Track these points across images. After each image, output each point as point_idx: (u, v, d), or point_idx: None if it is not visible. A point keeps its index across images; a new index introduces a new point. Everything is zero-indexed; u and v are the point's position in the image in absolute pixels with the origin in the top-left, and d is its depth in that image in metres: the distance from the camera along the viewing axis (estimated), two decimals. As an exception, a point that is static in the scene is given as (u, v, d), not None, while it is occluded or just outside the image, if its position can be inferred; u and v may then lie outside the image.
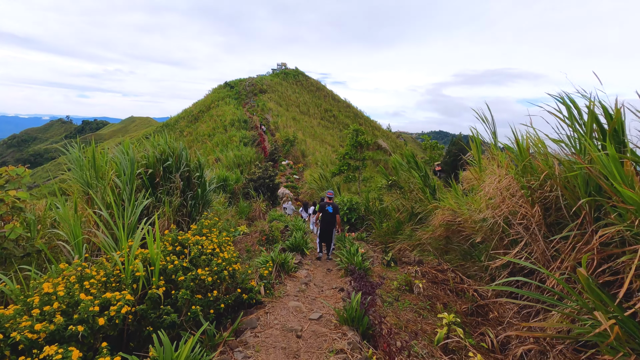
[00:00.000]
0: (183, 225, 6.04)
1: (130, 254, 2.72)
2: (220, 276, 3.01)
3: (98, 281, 2.56)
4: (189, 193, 6.81)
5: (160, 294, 2.64)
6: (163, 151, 6.58)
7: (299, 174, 27.01)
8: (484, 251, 5.02)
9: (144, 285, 2.76)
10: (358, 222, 11.14)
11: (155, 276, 2.76)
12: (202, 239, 3.44)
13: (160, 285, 2.77)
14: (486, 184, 3.59)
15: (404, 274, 4.91)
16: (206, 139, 41.30)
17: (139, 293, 2.70)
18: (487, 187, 3.56)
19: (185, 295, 2.72)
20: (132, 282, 2.71)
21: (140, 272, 2.63)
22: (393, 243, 8.77)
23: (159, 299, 2.66)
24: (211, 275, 2.99)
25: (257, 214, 17.60)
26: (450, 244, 6.30)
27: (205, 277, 2.91)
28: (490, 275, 4.75)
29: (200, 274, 2.91)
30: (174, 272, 2.88)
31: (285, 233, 8.11)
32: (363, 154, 15.22)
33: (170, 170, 6.49)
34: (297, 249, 5.98)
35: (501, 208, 3.53)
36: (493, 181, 3.57)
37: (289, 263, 4.51)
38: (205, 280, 2.90)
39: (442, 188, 7.43)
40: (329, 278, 4.86)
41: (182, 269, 2.92)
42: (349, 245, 5.74)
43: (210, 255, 3.25)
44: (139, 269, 2.66)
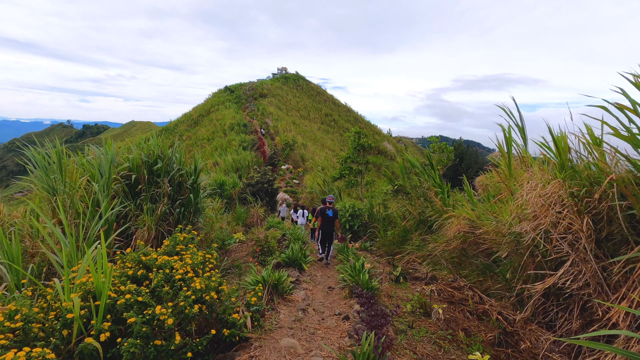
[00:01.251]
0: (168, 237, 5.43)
1: (65, 284, 2.08)
2: (188, 314, 2.35)
3: (8, 328, 1.88)
4: (178, 199, 6.21)
5: (97, 346, 1.96)
6: (151, 153, 5.98)
7: (298, 178, 26.41)
8: (509, 267, 4.40)
9: (82, 330, 2.10)
10: (361, 229, 10.50)
11: (99, 315, 2.09)
12: (173, 260, 2.80)
13: (104, 329, 2.08)
14: (524, 190, 3.00)
15: (417, 293, 4.28)
16: (205, 143, 40.85)
17: (73, 342, 2.03)
18: (525, 194, 2.97)
19: (132, 347, 2.02)
20: (63, 326, 2.03)
21: (75, 312, 1.99)
22: (400, 254, 8.13)
23: (96, 353, 1.98)
24: (174, 315, 2.31)
25: (254, 220, 16.94)
26: (466, 257, 5.68)
27: (165, 317, 2.20)
28: (518, 296, 4.12)
29: (158, 313, 2.19)
30: (127, 308, 2.24)
31: (282, 243, 7.47)
32: (366, 157, 14.54)
33: (159, 173, 5.89)
34: (294, 263, 5.34)
35: (541, 219, 2.92)
36: (533, 187, 2.97)
37: (284, 284, 3.85)
38: (165, 322, 2.20)
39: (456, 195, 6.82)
40: (331, 299, 4.21)
41: (136, 304, 2.28)
42: (353, 259, 5.11)
43: (181, 282, 2.60)
44: (71, 307, 1.99)
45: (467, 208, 5.05)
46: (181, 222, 6.16)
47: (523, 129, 3.77)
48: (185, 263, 2.75)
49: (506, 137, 3.88)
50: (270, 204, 18.96)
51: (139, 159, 5.67)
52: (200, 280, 2.56)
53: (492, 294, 4.93)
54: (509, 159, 3.74)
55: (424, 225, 7.82)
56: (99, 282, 2.13)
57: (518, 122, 3.76)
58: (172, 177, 6.03)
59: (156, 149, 5.84)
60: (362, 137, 14.11)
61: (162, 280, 2.49)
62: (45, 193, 4.12)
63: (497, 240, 4.41)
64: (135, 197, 5.57)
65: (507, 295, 4.47)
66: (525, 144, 3.78)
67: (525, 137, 3.75)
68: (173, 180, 6.12)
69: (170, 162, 6.26)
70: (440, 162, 9.48)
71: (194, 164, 6.37)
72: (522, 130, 3.76)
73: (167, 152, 6.23)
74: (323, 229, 7.33)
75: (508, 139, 3.86)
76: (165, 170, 6.05)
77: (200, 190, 6.67)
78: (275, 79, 71.77)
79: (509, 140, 3.81)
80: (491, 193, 6.00)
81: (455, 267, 5.60)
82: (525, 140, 3.78)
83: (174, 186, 6.10)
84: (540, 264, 3.69)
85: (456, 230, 5.32)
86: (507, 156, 3.76)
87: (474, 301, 4.63)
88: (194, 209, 6.70)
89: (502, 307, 4.47)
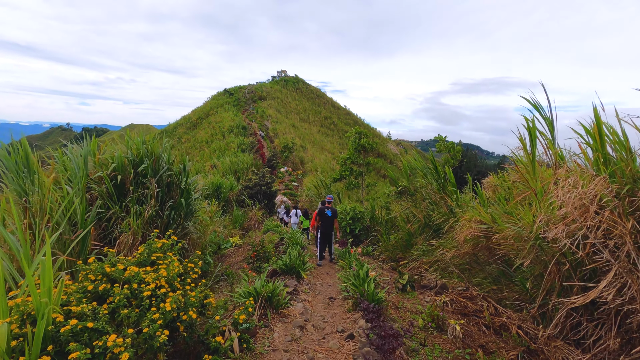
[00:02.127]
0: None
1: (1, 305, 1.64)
2: (150, 344, 1.89)
3: None
4: (168, 201, 5.79)
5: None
6: (138, 152, 5.58)
7: (297, 181, 26.00)
8: (529, 275, 3.98)
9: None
10: (362, 233, 10.08)
11: (32, 347, 1.61)
12: (144, 271, 2.36)
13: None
14: (559, 189, 2.60)
15: (428, 305, 3.86)
16: (204, 146, 40.50)
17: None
18: (561, 194, 2.56)
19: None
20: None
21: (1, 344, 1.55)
22: (404, 260, 7.71)
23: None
24: (137, 345, 1.85)
25: (252, 223, 16.49)
26: (477, 264, 5.26)
27: (120, 350, 1.72)
28: (541, 308, 3.70)
29: (111, 345, 1.71)
30: (75, 337, 1.79)
31: (280, 247, 7.04)
32: (367, 158, 14.07)
33: (146, 174, 5.48)
34: (292, 271, 4.89)
35: (579, 223, 2.52)
36: (573, 184, 2.56)
37: (279, 296, 3.39)
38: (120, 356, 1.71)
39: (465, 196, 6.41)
40: (332, 312, 3.78)
41: (87, 332, 1.84)
42: (356, 266, 4.69)
43: (151, 300, 2.16)
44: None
45: (480, 210, 4.64)
46: (171, 225, 5.74)
47: (551, 121, 3.34)
48: (159, 275, 2.32)
49: (530, 126, 3.39)
50: (269, 207, 18.53)
51: (124, 158, 5.26)
52: (172, 299, 2.11)
53: (508, 305, 4.51)
54: (532, 154, 3.32)
55: (430, 229, 7.41)
56: (38, 303, 1.69)
57: (545, 113, 3.34)
58: (160, 177, 5.62)
59: (141, 147, 5.43)
60: (363, 137, 13.66)
61: (125, 299, 2.05)
62: (16, 195, 3.71)
63: (515, 246, 4.00)
64: (121, 199, 5.15)
65: (527, 306, 4.05)
66: (553, 137, 3.35)
67: (554, 129, 3.32)
68: (162, 180, 5.70)
69: (159, 161, 5.85)
70: (447, 163, 9.06)
71: (183, 163, 5.95)
72: (550, 122, 3.33)
73: (156, 150, 5.83)
74: (322, 229, 7.32)
75: (532, 129, 3.37)
76: (153, 170, 5.65)
77: (192, 192, 6.25)
78: (275, 82, 71.65)
79: (533, 132, 3.36)
80: (502, 195, 5.60)
81: (466, 274, 5.18)
82: (553, 133, 3.34)
83: (163, 187, 5.69)
84: (567, 273, 3.28)
85: (468, 234, 4.91)
86: (529, 152, 3.34)
87: (489, 313, 4.21)
88: (186, 211, 6.28)
89: (521, 319, 4.05)
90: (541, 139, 3.43)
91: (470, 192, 6.81)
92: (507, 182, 5.15)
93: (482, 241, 4.90)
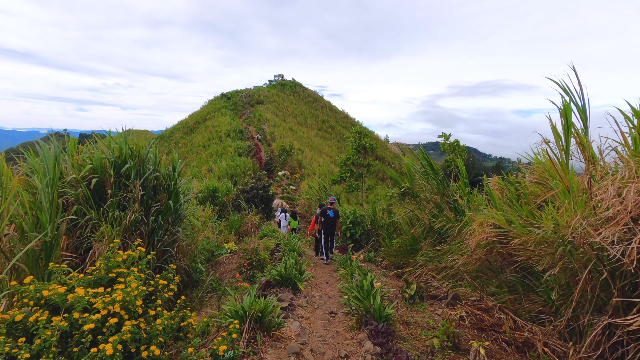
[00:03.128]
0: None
1: None
2: None
3: None
4: (154, 206, 5.35)
5: None
6: (120, 152, 5.14)
7: (295, 184, 25.56)
8: (554, 284, 3.56)
9: None
10: (363, 238, 9.63)
11: None
12: (95, 294, 1.90)
13: None
14: (609, 185, 2.19)
15: (441, 320, 3.42)
16: (201, 150, 40.08)
17: None
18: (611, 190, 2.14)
19: None
20: None
21: None
22: (408, 266, 7.27)
23: None
24: None
25: (249, 228, 16.00)
26: (491, 271, 4.84)
27: None
28: (570, 323, 3.27)
29: None
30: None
31: (275, 254, 6.58)
32: (367, 159, 13.58)
33: (129, 175, 5.04)
34: (288, 282, 4.39)
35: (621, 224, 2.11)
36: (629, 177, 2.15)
37: (272, 314, 2.91)
38: None
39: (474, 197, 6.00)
40: (333, 330, 3.32)
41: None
42: (359, 276, 4.23)
43: (96, 335, 1.69)
44: None
45: (494, 213, 4.23)
46: (157, 232, 5.29)
47: (584, 111, 2.90)
48: (113, 300, 1.86)
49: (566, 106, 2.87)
50: (266, 211, 18.05)
51: (104, 158, 4.82)
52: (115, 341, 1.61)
53: (527, 317, 4.08)
54: (566, 144, 2.87)
55: (435, 233, 6.99)
56: None
57: (576, 100, 2.91)
58: (146, 179, 5.18)
59: (124, 147, 4.99)
60: (363, 137, 13.18)
61: (54, 336, 1.57)
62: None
63: (537, 252, 3.59)
64: (100, 204, 4.71)
65: (552, 320, 3.62)
66: (586, 129, 2.91)
67: (587, 119, 2.89)
68: (147, 183, 5.27)
69: (144, 162, 5.41)
70: (452, 163, 8.65)
71: (172, 164, 5.51)
72: (583, 111, 2.90)
73: (141, 151, 5.40)
74: (325, 229, 7.80)
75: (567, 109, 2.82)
76: (138, 171, 5.21)
77: (181, 195, 5.80)
78: (272, 86, 71.52)
79: (569, 114, 2.86)
80: (512, 196, 5.20)
81: (478, 282, 4.75)
82: (586, 122, 2.90)
83: (148, 190, 5.25)
84: (605, 283, 2.86)
85: (480, 239, 4.49)
86: (563, 145, 2.89)
87: (509, 327, 3.78)
88: (174, 216, 5.83)
89: (546, 335, 3.62)
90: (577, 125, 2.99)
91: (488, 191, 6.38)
92: (522, 182, 4.75)
93: (497, 246, 4.48)
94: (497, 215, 4.07)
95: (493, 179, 5.71)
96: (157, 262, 5.65)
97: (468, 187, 5.97)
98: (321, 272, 6.21)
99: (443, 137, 8.93)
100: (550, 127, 2.93)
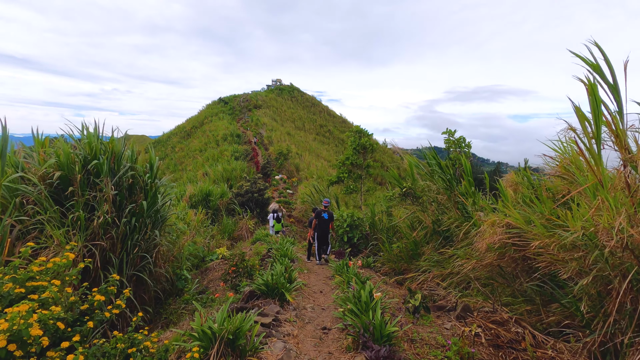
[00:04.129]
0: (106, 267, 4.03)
1: None
2: None
3: None
4: (128, 206, 4.83)
5: None
6: (90, 147, 4.64)
7: (292, 188, 25.04)
8: (582, 294, 3.06)
9: None
10: (361, 242, 9.11)
11: None
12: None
13: None
14: None
15: (455, 339, 2.91)
16: (197, 154, 39.64)
17: None
18: None
19: None
20: None
21: None
22: (409, 272, 6.76)
23: None
24: None
25: (243, 232, 15.46)
26: (503, 277, 4.33)
27: None
28: (603, 340, 2.77)
29: None
30: None
31: (266, 260, 6.05)
32: (367, 160, 12.99)
33: (99, 172, 4.53)
34: (274, 292, 3.81)
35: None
36: None
37: (248, 335, 2.33)
38: None
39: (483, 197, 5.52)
40: (326, 351, 2.77)
41: None
42: (356, 285, 3.68)
43: None
44: None
45: (509, 212, 3.75)
46: (132, 236, 4.77)
47: (616, 88, 2.40)
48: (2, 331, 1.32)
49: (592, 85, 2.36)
50: (261, 215, 17.50)
51: (72, 153, 4.32)
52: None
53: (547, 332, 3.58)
54: (596, 127, 2.37)
55: (439, 236, 6.49)
56: None
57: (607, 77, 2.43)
58: (120, 178, 4.68)
59: (95, 142, 4.50)
60: (363, 136, 12.60)
61: None
62: None
63: (560, 257, 3.10)
64: (58, 203, 4.19)
65: (580, 335, 3.11)
66: (621, 112, 2.41)
67: (620, 99, 2.39)
68: (122, 182, 4.76)
69: (119, 159, 4.91)
70: (456, 161, 8.15)
71: (150, 161, 5.01)
72: (615, 89, 2.41)
73: (116, 147, 4.90)
74: (319, 230, 8.00)
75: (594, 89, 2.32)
76: (111, 169, 4.70)
77: (159, 196, 5.29)
78: (270, 91, 71.41)
79: (597, 98, 2.37)
80: (527, 194, 4.73)
81: (488, 290, 4.24)
82: (621, 105, 2.41)
83: (123, 190, 4.74)
84: None
85: (491, 241, 4.00)
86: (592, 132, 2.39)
87: (529, 344, 3.26)
88: (153, 218, 5.31)
89: (572, 353, 3.12)
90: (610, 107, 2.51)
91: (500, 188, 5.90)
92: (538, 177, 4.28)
93: (510, 250, 3.99)
94: (513, 213, 3.58)
95: (507, 176, 5.24)
96: (135, 269, 5.12)
97: (474, 186, 5.49)
98: (315, 280, 5.67)
99: (448, 133, 8.47)
100: (575, 112, 2.45)
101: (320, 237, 8.09)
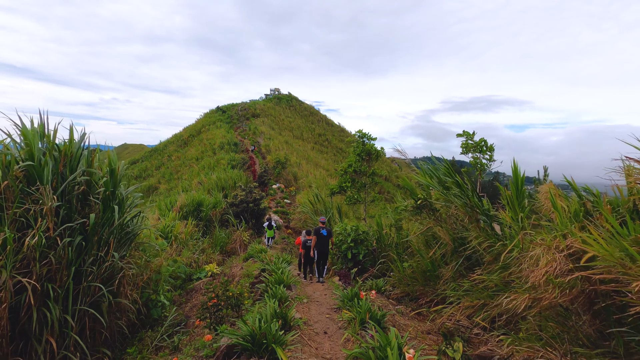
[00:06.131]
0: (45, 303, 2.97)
1: None
2: None
3: None
4: (77, 222, 3.81)
5: None
6: (28, 146, 3.65)
7: (290, 198, 24.01)
8: None
9: None
10: (367, 259, 8.05)
11: None
12: None
13: None
14: None
15: None
16: (194, 163, 38.73)
17: None
18: None
19: None
20: None
21: None
22: (426, 296, 5.72)
23: None
24: None
25: (237, 245, 14.34)
26: (564, 318, 3.30)
27: None
28: None
29: None
30: None
31: (257, 286, 4.96)
32: (372, 167, 11.84)
33: (35, 179, 3.53)
34: (262, 348, 2.48)
35: None
36: None
37: None
38: None
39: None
40: None
41: None
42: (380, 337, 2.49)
43: None
44: None
45: (591, 233, 2.75)
46: (81, 259, 3.73)
47: None
48: None
49: None
50: (257, 227, 16.40)
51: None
52: None
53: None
54: None
55: (460, 256, 5.48)
56: None
57: None
58: (68, 185, 3.68)
59: (34, 139, 3.51)
60: (368, 141, 11.47)
61: None
62: None
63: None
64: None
65: None
66: None
67: None
68: (70, 190, 3.75)
69: (75, 161, 3.93)
70: (478, 166, 7.15)
71: (109, 164, 4.00)
72: None
73: (69, 148, 3.91)
74: (318, 247, 7.96)
75: None
76: (60, 173, 3.71)
77: (125, 207, 4.27)
78: (268, 100, 71.13)
79: None
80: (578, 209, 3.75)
81: (549, 335, 3.20)
82: None
83: (72, 201, 3.73)
84: None
85: (551, 272, 3.00)
86: None
87: None
88: (117, 236, 4.29)
89: None
90: None
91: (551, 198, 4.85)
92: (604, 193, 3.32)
93: (578, 284, 2.98)
94: (596, 239, 2.59)
95: (544, 186, 4.26)
96: (91, 300, 4.06)
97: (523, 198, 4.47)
98: (317, 312, 4.48)
99: (465, 135, 7.35)
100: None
101: (320, 254, 8.05)
